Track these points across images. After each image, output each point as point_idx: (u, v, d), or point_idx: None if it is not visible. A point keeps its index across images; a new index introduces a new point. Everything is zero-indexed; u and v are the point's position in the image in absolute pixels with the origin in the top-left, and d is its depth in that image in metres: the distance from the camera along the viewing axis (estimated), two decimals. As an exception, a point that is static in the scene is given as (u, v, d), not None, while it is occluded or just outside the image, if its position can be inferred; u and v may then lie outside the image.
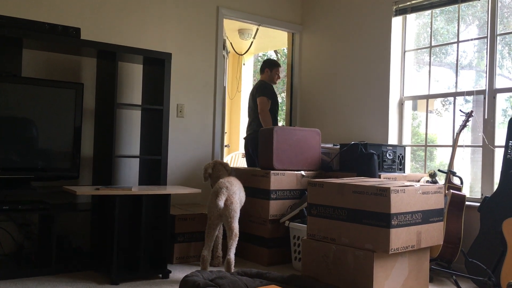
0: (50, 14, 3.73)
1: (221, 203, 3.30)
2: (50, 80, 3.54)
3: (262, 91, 4.70)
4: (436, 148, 4.64)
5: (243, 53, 5.18)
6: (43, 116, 3.48)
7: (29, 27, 3.28)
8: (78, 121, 3.61)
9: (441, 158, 4.62)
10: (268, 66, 4.86)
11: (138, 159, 4.03)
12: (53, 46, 3.49)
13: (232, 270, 3.25)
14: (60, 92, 3.54)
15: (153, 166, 3.70)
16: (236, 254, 3.51)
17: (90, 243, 3.73)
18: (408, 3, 4.27)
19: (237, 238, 3.38)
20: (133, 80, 4.14)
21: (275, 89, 4.92)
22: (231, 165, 6.15)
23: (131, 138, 4.13)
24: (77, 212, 3.72)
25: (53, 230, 3.31)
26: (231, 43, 5.28)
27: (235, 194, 3.45)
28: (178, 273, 3.49)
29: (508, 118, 3.47)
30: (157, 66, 3.73)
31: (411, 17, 4.44)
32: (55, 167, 3.53)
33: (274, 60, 5.08)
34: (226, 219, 3.39)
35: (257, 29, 5.10)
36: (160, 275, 3.40)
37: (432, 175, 3.74)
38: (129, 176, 4.10)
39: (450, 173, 3.61)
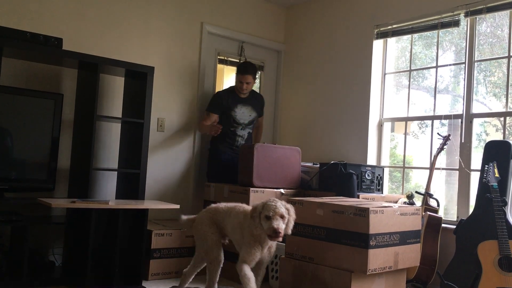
0: (32, 23, 3.69)
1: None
2: (29, 90, 3.48)
3: (208, 104, 4.42)
4: (412, 170, 4.70)
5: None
6: (20, 126, 3.41)
7: (10, 35, 3.22)
8: (56, 132, 3.55)
9: (416, 180, 4.68)
10: (237, 71, 4.41)
11: (116, 172, 3.97)
12: (34, 56, 3.45)
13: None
14: (39, 102, 3.48)
15: (131, 180, 3.65)
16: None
17: (63, 257, 3.64)
18: (389, 27, 4.37)
19: None
20: (113, 93, 4.10)
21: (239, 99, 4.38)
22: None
23: (109, 151, 4.08)
24: (51, 225, 3.63)
25: (26, 242, 3.21)
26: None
27: None
28: (153, 289, 3.43)
29: (482, 143, 3.55)
30: (139, 79, 3.71)
31: (391, 40, 4.53)
32: (30, 178, 3.46)
33: (244, 64, 4.46)
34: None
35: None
36: (135, 292, 3.34)
37: (410, 197, 3.78)
38: (106, 190, 4.03)
39: (427, 195, 3.66)
